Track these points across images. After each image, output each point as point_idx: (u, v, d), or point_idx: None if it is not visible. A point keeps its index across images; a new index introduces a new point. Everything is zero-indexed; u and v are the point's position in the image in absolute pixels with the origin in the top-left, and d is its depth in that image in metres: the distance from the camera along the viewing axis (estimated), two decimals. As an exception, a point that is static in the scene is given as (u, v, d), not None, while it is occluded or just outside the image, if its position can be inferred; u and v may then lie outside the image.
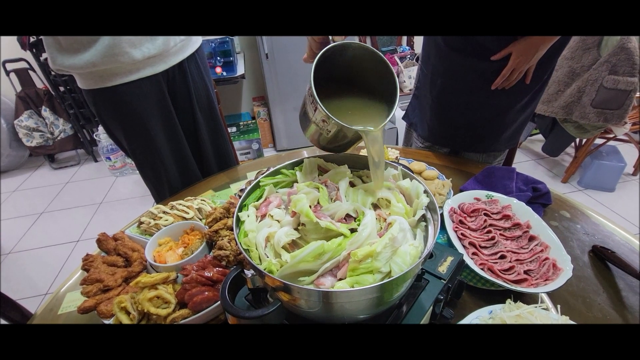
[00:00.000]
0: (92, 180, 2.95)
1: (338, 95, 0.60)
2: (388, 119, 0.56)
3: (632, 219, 2.09)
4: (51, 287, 1.95)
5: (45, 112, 2.91)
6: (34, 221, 2.48)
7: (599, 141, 2.34)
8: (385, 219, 0.52)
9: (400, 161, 1.10)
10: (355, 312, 0.49)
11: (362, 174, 0.64)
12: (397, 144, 2.62)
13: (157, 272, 0.72)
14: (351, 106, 0.60)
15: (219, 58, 2.50)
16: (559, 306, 0.63)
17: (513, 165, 1.23)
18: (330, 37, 0.56)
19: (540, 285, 0.67)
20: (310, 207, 0.51)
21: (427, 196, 0.54)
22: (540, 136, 2.56)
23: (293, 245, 0.51)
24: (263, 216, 0.56)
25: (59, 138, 3.00)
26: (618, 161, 2.27)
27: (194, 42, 1.13)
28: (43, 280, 1.99)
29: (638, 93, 1.93)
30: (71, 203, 2.66)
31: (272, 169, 0.63)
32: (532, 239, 0.77)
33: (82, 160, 3.21)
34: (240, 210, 0.56)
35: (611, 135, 2.26)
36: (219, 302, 0.64)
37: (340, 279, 0.45)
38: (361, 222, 0.50)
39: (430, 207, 0.54)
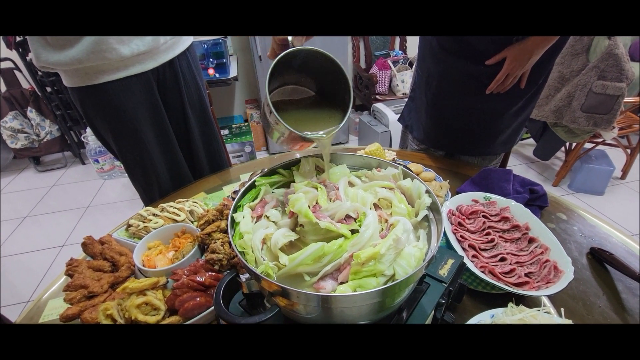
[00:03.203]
0: (79, 183, 2.87)
1: (296, 99, 0.62)
2: (339, 127, 0.58)
3: (622, 221, 2.12)
4: (34, 294, 1.87)
5: (31, 113, 2.83)
6: (17, 226, 2.40)
7: (588, 145, 2.38)
8: (387, 220, 0.50)
9: (397, 163, 1.09)
10: (356, 317, 0.47)
11: (361, 174, 0.62)
12: (390, 146, 2.62)
13: (146, 277, 0.69)
14: (308, 110, 0.62)
15: (211, 60, 2.47)
16: (562, 309, 0.62)
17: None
18: (289, 40, 0.55)
19: (542, 288, 0.65)
20: (309, 207, 0.48)
21: (430, 196, 0.52)
22: (531, 140, 2.60)
23: (291, 247, 0.49)
24: (259, 217, 0.53)
25: (45, 140, 2.92)
26: (607, 165, 2.31)
27: (185, 40, 1.10)
28: (25, 287, 1.91)
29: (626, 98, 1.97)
30: (56, 207, 2.57)
31: (266, 170, 0.61)
32: (531, 240, 0.76)
33: (68, 163, 3.13)
34: (235, 211, 0.53)
35: (600, 140, 2.30)
36: (212, 308, 0.61)
37: (342, 283, 0.43)
38: (362, 222, 0.48)
39: (433, 208, 0.52)
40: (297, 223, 0.50)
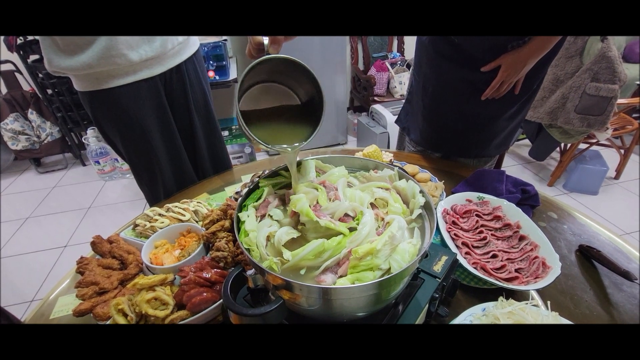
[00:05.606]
0: (80, 184, 2.89)
1: (276, 106, 0.60)
2: (304, 144, 0.57)
3: (615, 221, 2.16)
4: (37, 293, 1.90)
5: (32, 115, 2.85)
6: (19, 227, 2.42)
7: (582, 146, 2.42)
8: (383, 218, 0.54)
9: (394, 164, 1.12)
10: (355, 309, 0.51)
11: (359, 176, 0.65)
12: (388, 147, 2.65)
13: (153, 274, 0.72)
14: (285, 119, 0.60)
15: (211, 62, 2.50)
16: (548, 302, 0.65)
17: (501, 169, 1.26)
18: (265, 43, 0.52)
19: (530, 283, 0.69)
20: (309, 206, 0.52)
21: (423, 196, 0.56)
22: (526, 141, 2.64)
23: (293, 244, 0.52)
24: (263, 216, 0.56)
25: (45, 141, 2.94)
26: (601, 165, 2.35)
27: (192, 45, 1.14)
28: (28, 287, 1.93)
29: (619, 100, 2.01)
30: (58, 208, 2.59)
31: (269, 171, 0.64)
32: (522, 238, 0.79)
33: (69, 164, 3.15)
34: (240, 210, 0.56)
35: (594, 140, 2.34)
36: (218, 302, 0.64)
37: (341, 276, 0.46)
38: (360, 221, 0.51)
39: (426, 207, 0.56)
40: (299, 221, 0.53)
